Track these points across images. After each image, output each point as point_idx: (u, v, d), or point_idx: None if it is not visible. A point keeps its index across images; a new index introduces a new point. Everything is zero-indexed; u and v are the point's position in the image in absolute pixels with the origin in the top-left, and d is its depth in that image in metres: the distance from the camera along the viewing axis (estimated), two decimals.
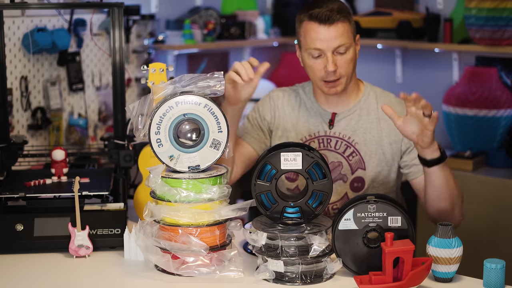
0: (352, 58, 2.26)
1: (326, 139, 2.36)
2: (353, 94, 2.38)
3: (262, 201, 1.95)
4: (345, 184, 2.34)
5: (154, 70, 2.03)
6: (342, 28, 2.22)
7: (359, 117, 2.36)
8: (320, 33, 2.22)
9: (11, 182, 2.34)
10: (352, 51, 2.26)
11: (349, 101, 2.37)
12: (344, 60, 2.24)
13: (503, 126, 3.60)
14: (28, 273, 2.01)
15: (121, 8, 2.46)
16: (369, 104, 2.37)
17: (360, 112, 2.36)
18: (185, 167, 1.97)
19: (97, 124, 3.44)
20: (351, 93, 2.37)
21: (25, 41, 2.98)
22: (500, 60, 3.76)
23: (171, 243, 1.94)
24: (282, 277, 1.92)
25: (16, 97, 3.00)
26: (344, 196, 2.35)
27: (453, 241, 1.88)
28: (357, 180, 2.34)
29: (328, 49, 2.22)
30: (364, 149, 2.33)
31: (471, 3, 3.49)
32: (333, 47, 2.22)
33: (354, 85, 2.37)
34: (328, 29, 2.21)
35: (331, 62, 2.22)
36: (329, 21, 2.20)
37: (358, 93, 2.39)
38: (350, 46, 2.25)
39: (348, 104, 2.37)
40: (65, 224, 2.13)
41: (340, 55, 2.24)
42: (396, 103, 2.36)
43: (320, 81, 2.28)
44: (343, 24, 2.22)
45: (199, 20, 3.97)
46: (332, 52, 2.22)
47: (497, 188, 3.35)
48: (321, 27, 2.21)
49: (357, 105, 2.37)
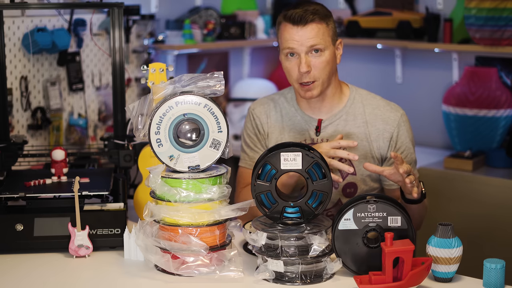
0: (328, 61, 2.24)
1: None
2: (336, 99, 2.35)
3: (262, 201, 1.95)
4: (337, 190, 2.33)
5: (154, 70, 2.03)
6: (316, 29, 2.21)
7: (345, 122, 2.33)
8: (293, 33, 2.22)
9: (11, 182, 2.34)
10: (329, 54, 2.25)
11: (333, 106, 2.35)
12: (319, 62, 2.23)
13: (503, 126, 3.60)
14: (29, 274, 2.01)
15: (121, 8, 2.46)
16: (355, 109, 2.34)
17: (347, 117, 2.34)
18: (185, 167, 1.97)
19: (97, 124, 3.44)
20: (333, 97, 2.34)
21: (25, 41, 2.98)
22: (500, 60, 3.76)
23: (171, 243, 1.94)
24: (282, 277, 1.92)
25: (16, 97, 3.00)
26: (337, 202, 2.34)
27: (453, 241, 1.88)
28: (349, 186, 2.33)
29: (301, 50, 2.22)
30: None
31: (471, 3, 3.49)
32: (306, 47, 2.21)
33: (335, 89, 2.34)
34: (301, 30, 2.21)
35: (303, 62, 2.21)
36: (302, 22, 2.20)
37: (342, 98, 2.36)
38: (325, 48, 2.23)
39: (332, 109, 2.35)
40: (65, 224, 2.13)
41: (315, 57, 2.23)
42: (384, 105, 2.35)
43: (296, 83, 2.27)
44: (318, 25, 2.22)
45: (199, 20, 3.97)
46: (305, 52, 2.22)
47: (497, 188, 3.34)
48: (294, 28, 2.22)
49: (343, 110, 2.34)
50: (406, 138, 2.33)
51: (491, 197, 3.34)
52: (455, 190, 3.42)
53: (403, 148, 2.32)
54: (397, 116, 2.32)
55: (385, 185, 2.35)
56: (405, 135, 2.32)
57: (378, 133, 2.31)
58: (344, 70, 4.27)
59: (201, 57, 4.12)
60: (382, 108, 2.33)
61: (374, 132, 2.32)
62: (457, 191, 3.41)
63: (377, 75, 4.23)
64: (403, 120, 2.33)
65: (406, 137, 2.33)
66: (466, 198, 3.39)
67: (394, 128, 2.31)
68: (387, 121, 2.31)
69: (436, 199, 3.42)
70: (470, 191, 3.36)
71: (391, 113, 2.33)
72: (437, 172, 3.48)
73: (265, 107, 2.44)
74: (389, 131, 2.31)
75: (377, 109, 2.33)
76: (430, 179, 3.44)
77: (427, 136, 4.02)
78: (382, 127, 2.31)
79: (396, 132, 2.31)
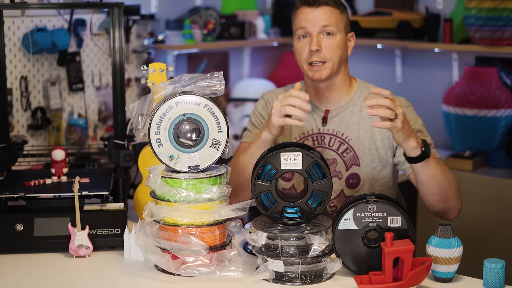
0: (339, 44, 2.27)
1: (320, 137, 2.37)
2: (344, 90, 2.37)
3: (262, 201, 1.95)
4: (340, 181, 2.34)
5: (154, 70, 2.03)
6: (330, 11, 2.27)
7: (351, 113, 2.36)
8: (307, 13, 2.28)
9: (11, 182, 2.34)
10: (341, 39, 2.28)
11: (341, 97, 2.37)
12: (330, 43, 2.26)
13: (503, 126, 3.60)
14: (29, 274, 2.00)
15: (121, 8, 2.46)
16: (362, 101, 2.36)
17: (353, 108, 2.36)
18: (185, 167, 1.97)
19: (97, 124, 3.44)
20: (342, 88, 2.36)
21: (25, 41, 2.98)
22: (500, 60, 3.76)
23: (171, 243, 1.94)
24: (282, 277, 1.92)
25: (16, 97, 3.00)
26: (340, 193, 2.35)
27: (453, 241, 1.88)
28: (352, 177, 2.34)
29: (314, 29, 2.26)
30: (357, 145, 2.34)
31: (471, 3, 3.49)
32: (318, 27, 2.26)
33: (344, 80, 2.36)
34: (315, 10, 2.27)
35: (315, 41, 2.25)
36: (317, 3, 2.27)
37: (350, 90, 2.39)
38: (337, 32, 2.27)
39: (340, 100, 2.37)
40: (65, 224, 2.13)
41: (326, 39, 2.27)
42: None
43: (305, 64, 2.29)
44: (332, 9, 2.27)
45: (199, 20, 3.97)
46: (317, 33, 2.26)
47: (497, 188, 3.35)
48: (309, 9, 2.28)
49: (350, 101, 2.37)
50: (415, 123, 2.31)
51: (491, 197, 3.34)
52: None
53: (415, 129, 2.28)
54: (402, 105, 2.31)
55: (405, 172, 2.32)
56: (413, 119, 2.30)
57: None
58: None
59: (201, 57, 4.12)
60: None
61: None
62: None
63: (377, 75, 4.23)
64: (410, 109, 2.33)
65: (415, 122, 2.31)
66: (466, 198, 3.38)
67: None
68: None
69: None
70: (470, 191, 3.36)
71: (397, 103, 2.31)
72: None
73: (277, 95, 2.45)
74: None
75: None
76: None
77: None
78: None
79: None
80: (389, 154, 2.35)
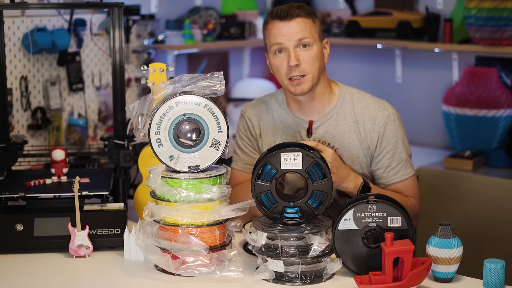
0: (317, 55, 2.25)
1: None
2: (326, 98, 2.34)
3: (262, 201, 1.95)
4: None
5: (154, 70, 2.03)
6: (303, 23, 2.23)
7: (336, 122, 2.33)
8: (280, 28, 2.23)
9: (11, 182, 2.34)
10: (317, 49, 2.25)
11: (323, 106, 2.34)
12: (308, 56, 2.23)
13: (503, 126, 3.60)
14: (30, 274, 2.00)
15: (121, 8, 2.46)
16: (345, 108, 2.34)
17: (337, 117, 2.33)
18: (185, 167, 1.97)
19: (97, 124, 3.44)
20: (323, 96, 2.33)
21: (25, 41, 2.98)
22: (500, 60, 3.76)
23: (171, 243, 1.94)
24: (282, 277, 1.92)
25: (16, 97, 3.00)
26: (333, 202, 2.34)
27: (453, 241, 1.88)
28: None
29: (290, 44, 2.22)
30: (345, 154, 2.32)
31: (471, 3, 3.49)
32: (294, 41, 2.22)
33: (325, 88, 2.33)
34: (288, 24, 2.22)
35: (292, 56, 2.21)
36: (288, 17, 2.22)
37: (332, 97, 2.35)
38: (313, 43, 2.24)
39: (323, 109, 2.34)
40: (65, 224, 2.13)
41: (303, 51, 2.23)
42: (373, 104, 2.34)
43: (286, 80, 2.26)
44: (304, 20, 2.23)
45: (199, 20, 3.97)
46: (294, 47, 2.22)
47: (497, 188, 3.34)
48: (281, 23, 2.23)
49: (333, 110, 2.34)
50: (393, 137, 2.31)
51: (491, 197, 3.34)
52: (455, 190, 3.42)
53: (389, 147, 2.30)
54: (384, 116, 2.31)
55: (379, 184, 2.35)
56: (392, 134, 2.31)
57: (366, 133, 2.31)
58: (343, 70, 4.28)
59: (201, 57, 4.12)
60: (371, 107, 2.33)
61: (363, 132, 2.31)
62: (457, 191, 3.41)
63: (377, 75, 4.23)
64: (391, 120, 2.31)
65: (393, 137, 2.31)
66: (466, 198, 3.39)
67: (380, 128, 2.30)
68: (374, 121, 2.31)
69: (436, 199, 3.42)
70: (470, 191, 3.36)
71: (379, 113, 2.31)
72: (437, 172, 3.48)
73: (256, 110, 2.44)
74: (376, 131, 2.30)
75: (366, 108, 2.33)
76: (430, 179, 3.45)
77: (427, 136, 4.02)
78: (370, 127, 2.30)
79: (382, 131, 2.30)
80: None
